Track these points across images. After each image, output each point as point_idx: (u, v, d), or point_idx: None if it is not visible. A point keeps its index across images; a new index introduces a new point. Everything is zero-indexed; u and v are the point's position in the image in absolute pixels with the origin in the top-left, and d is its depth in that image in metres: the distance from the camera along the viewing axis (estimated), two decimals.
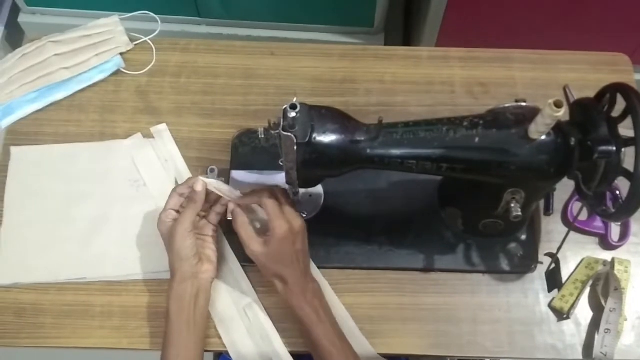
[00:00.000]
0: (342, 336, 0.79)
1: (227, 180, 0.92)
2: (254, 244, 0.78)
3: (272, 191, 0.80)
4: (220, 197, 0.83)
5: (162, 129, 0.96)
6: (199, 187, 0.80)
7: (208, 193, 0.82)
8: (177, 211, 0.82)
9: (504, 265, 0.87)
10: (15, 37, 1.81)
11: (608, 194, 0.89)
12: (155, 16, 1.06)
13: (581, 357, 0.83)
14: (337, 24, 1.65)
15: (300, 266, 0.79)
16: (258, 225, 0.84)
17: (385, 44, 1.66)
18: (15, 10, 1.78)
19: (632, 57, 1.04)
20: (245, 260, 0.85)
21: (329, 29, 1.66)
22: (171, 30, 1.67)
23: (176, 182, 0.93)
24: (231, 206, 0.81)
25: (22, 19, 1.74)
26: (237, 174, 0.93)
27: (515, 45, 1.04)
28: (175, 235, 0.78)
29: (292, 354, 0.83)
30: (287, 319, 0.84)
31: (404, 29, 1.83)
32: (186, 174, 0.93)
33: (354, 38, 1.67)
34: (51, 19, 1.72)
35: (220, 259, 0.87)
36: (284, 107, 0.69)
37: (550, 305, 0.86)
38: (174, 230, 0.79)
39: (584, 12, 1.42)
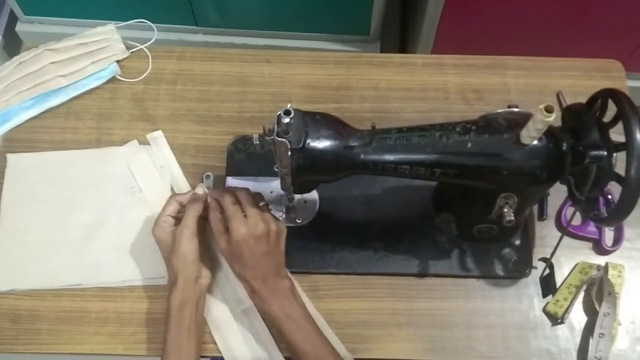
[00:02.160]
0: (318, 334, 0.79)
1: (223, 187, 0.92)
2: (221, 240, 0.79)
3: (236, 193, 0.81)
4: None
5: (157, 136, 0.97)
6: (200, 190, 0.83)
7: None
8: (174, 218, 0.82)
9: (498, 270, 0.88)
10: (13, 46, 1.82)
11: (600, 198, 0.90)
12: (152, 24, 1.07)
13: None
14: (333, 32, 1.66)
15: (263, 270, 0.79)
16: None
17: (381, 52, 1.67)
18: (12, 19, 1.78)
19: (626, 65, 1.04)
20: None
21: (325, 37, 1.67)
22: (168, 39, 1.68)
23: (172, 188, 0.93)
24: (209, 200, 0.82)
25: (20, 27, 1.75)
26: (233, 180, 0.93)
27: (509, 53, 1.05)
28: (182, 238, 0.79)
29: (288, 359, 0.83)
30: None
31: (399, 37, 1.84)
32: (182, 180, 0.94)
33: (350, 46, 1.68)
34: (49, 28, 1.73)
35: (216, 265, 0.87)
36: (278, 113, 0.70)
37: (544, 310, 0.86)
38: (181, 233, 0.79)
39: (578, 19, 1.43)
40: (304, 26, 1.65)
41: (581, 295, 0.86)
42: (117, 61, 1.02)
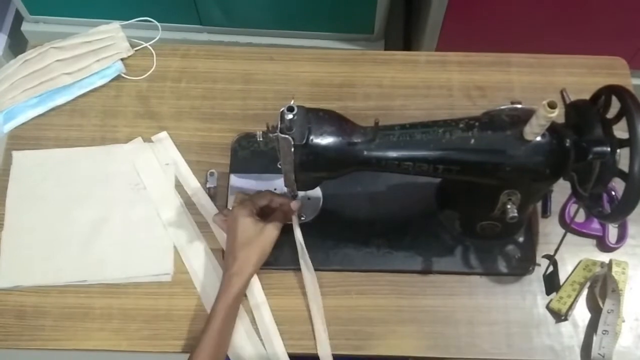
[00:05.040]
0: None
1: (227, 184, 0.93)
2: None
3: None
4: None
5: (163, 137, 0.97)
6: (295, 207, 0.85)
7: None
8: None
9: (502, 267, 0.88)
10: (19, 46, 1.82)
11: (604, 195, 0.90)
12: (157, 23, 1.07)
13: (579, 359, 0.83)
14: (337, 31, 1.66)
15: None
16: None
17: (385, 51, 1.67)
18: (18, 19, 1.79)
19: (631, 62, 1.04)
20: None
21: (329, 36, 1.67)
22: (173, 38, 1.68)
23: (176, 184, 0.94)
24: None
25: (25, 27, 1.76)
26: (236, 178, 0.93)
27: (513, 50, 1.05)
28: (272, 236, 0.83)
29: (291, 355, 0.83)
30: (288, 321, 0.85)
31: (403, 36, 1.84)
32: (191, 178, 0.94)
33: (354, 45, 1.68)
34: (54, 27, 1.74)
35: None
36: (281, 109, 0.70)
37: (548, 307, 0.86)
38: (273, 232, 0.83)
39: (583, 17, 1.43)
40: (308, 25, 1.65)
41: (585, 292, 0.86)
42: (122, 59, 1.02)
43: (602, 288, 0.85)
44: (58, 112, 1.00)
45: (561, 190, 0.90)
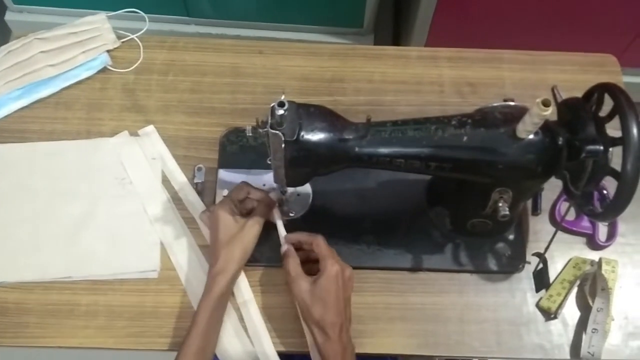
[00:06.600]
0: None
1: (215, 179, 0.92)
2: (301, 281, 0.77)
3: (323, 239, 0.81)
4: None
5: (149, 131, 0.95)
6: (275, 197, 0.86)
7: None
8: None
9: (492, 265, 0.87)
10: (2, 36, 1.79)
11: (595, 193, 0.90)
12: (144, 14, 1.05)
13: (568, 357, 0.83)
14: (326, 25, 1.65)
15: (343, 316, 0.76)
16: None
17: (375, 45, 1.66)
18: (2, 9, 1.76)
19: (621, 59, 1.04)
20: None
21: (318, 29, 1.66)
22: (160, 30, 1.66)
23: (163, 179, 0.92)
24: (284, 247, 0.83)
25: (9, 17, 1.73)
26: (225, 173, 0.92)
27: (504, 46, 1.04)
28: (253, 231, 0.82)
29: (280, 353, 0.82)
30: (277, 319, 0.84)
31: (393, 29, 1.83)
32: (178, 172, 0.93)
33: (344, 38, 1.67)
34: (39, 17, 1.71)
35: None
36: (272, 104, 0.69)
37: (537, 305, 0.86)
38: (253, 227, 0.82)
39: (573, 14, 1.43)
40: (297, 18, 1.64)
41: (574, 290, 0.86)
42: (108, 51, 1.01)
43: (591, 286, 0.85)
44: (42, 104, 0.98)
45: (552, 188, 0.90)
